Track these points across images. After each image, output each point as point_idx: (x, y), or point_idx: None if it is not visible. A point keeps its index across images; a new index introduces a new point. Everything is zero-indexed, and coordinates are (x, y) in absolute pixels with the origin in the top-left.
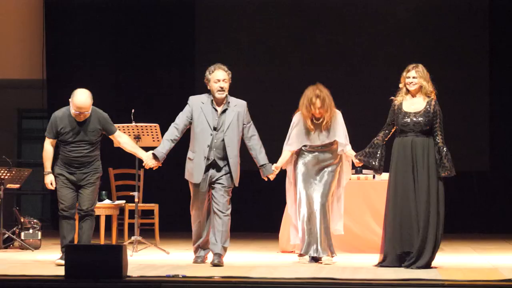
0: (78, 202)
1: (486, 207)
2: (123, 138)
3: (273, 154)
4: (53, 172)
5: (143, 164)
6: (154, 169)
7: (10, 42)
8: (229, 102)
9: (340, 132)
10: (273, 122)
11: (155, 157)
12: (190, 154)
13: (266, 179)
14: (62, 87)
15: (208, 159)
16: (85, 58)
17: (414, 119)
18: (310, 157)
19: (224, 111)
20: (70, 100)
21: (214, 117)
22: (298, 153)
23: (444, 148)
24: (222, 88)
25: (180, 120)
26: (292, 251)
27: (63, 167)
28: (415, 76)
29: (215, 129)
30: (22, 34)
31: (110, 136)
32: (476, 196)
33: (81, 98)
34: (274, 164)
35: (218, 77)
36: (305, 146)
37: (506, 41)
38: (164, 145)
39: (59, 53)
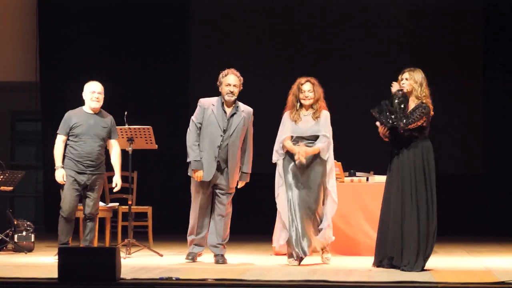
0: (86, 205)
1: (479, 210)
2: (117, 150)
3: (265, 155)
4: None
5: (193, 176)
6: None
7: (3, 44)
8: (238, 107)
9: (325, 128)
10: (267, 125)
11: (198, 165)
12: None
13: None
14: (55, 89)
15: (216, 158)
16: (78, 60)
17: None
18: (294, 159)
19: (232, 115)
20: (84, 94)
21: (224, 120)
22: (287, 155)
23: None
24: (231, 92)
25: (198, 122)
26: (285, 254)
27: (73, 166)
28: (407, 78)
29: (224, 131)
30: (15, 36)
31: (109, 141)
32: (469, 198)
33: (94, 82)
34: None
35: (230, 81)
36: (294, 141)
37: (499, 44)
38: (196, 152)
39: (53, 55)
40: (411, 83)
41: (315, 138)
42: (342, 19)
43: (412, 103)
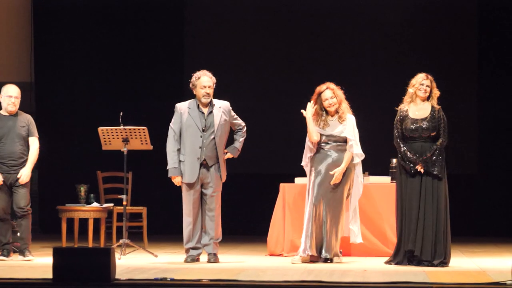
0: (15, 201)
1: (474, 210)
2: (34, 146)
3: (263, 156)
4: None
5: (174, 181)
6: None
7: None
8: (213, 105)
9: (350, 131)
10: (264, 127)
11: (175, 172)
12: (180, 157)
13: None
14: (50, 90)
15: (199, 159)
16: (73, 60)
17: (423, 125)
18: (325, 161)
19: (210, 113)
20: (0, 98)
21: (202, 119)
22: (314, 156)
23: (437, 151)
24: (208, 94)
25: (176, 127)
26: (280, 254)
27: None
28: (428, 85)
29: (203, 130)
30: (10, 36)
31: (28, 138)
32: (464, 199)
33: (11, 85)
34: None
35: (204, 83)
36: (321, 143)
37: (494, 45)
38: (173, 159)
39: (48, 55)
40: (433, 89)
41: (343, 139)
42: (338, 19)
43: (428, 107)
